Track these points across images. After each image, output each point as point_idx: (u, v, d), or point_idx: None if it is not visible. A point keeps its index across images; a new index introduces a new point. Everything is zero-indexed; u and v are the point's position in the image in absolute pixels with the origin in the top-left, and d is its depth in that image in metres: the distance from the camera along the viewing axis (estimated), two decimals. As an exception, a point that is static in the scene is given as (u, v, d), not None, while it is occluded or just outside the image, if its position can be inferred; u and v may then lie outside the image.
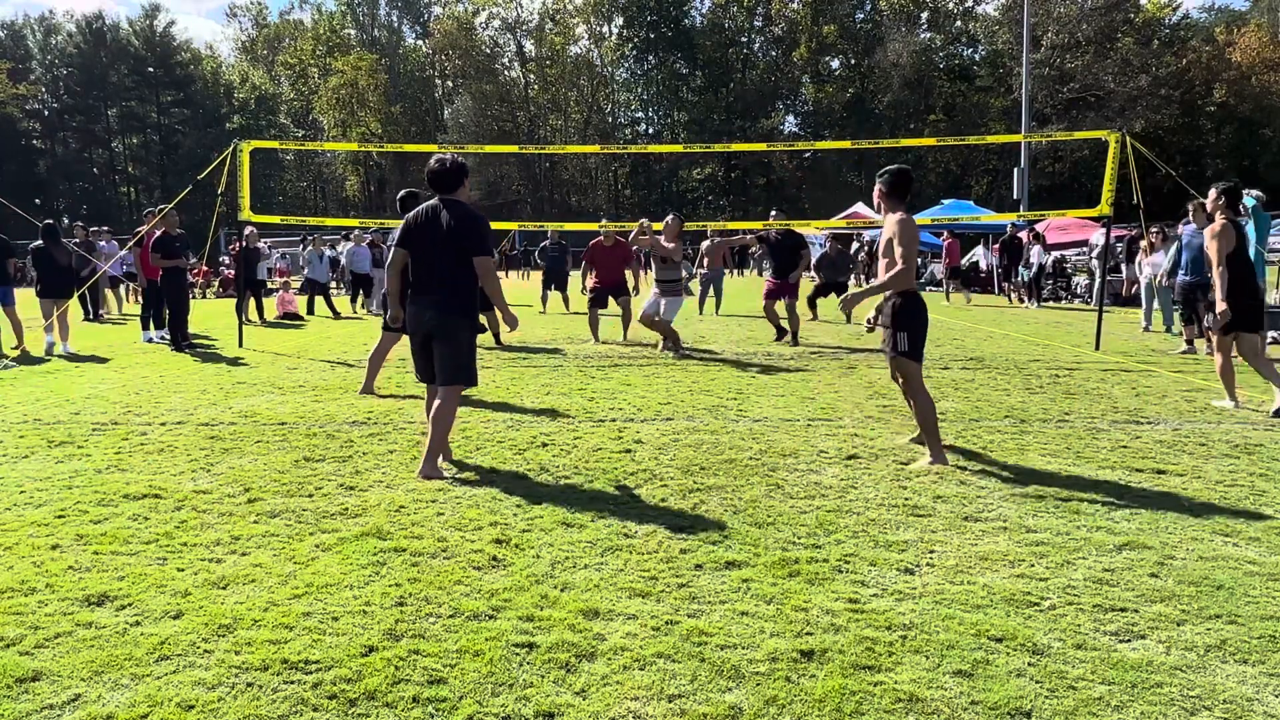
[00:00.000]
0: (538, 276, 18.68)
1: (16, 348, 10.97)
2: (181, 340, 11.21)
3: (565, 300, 16.91)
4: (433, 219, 4.90)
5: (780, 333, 11.43)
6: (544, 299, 16.75)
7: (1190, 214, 10.14)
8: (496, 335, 11.11)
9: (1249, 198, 9.39)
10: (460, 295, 4.92)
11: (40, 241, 11.61)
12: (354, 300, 18.48)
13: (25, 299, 11.69)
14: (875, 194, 5.32)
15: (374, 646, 2.83)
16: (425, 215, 4.95)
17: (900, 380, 5.43)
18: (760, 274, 40.90)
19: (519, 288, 24.33)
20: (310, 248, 18.21)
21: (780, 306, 11.46)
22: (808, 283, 15.06)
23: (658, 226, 10.68)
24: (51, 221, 12.20)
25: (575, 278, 15.62)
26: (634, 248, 11.79)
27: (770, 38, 67.60)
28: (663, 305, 10.28)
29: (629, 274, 12.06)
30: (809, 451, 5.40)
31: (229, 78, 73.31)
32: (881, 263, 5.23)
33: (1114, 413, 6.61)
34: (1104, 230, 12.20)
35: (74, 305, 12.44)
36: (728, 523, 4.04)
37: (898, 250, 5.05)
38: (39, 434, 6.03)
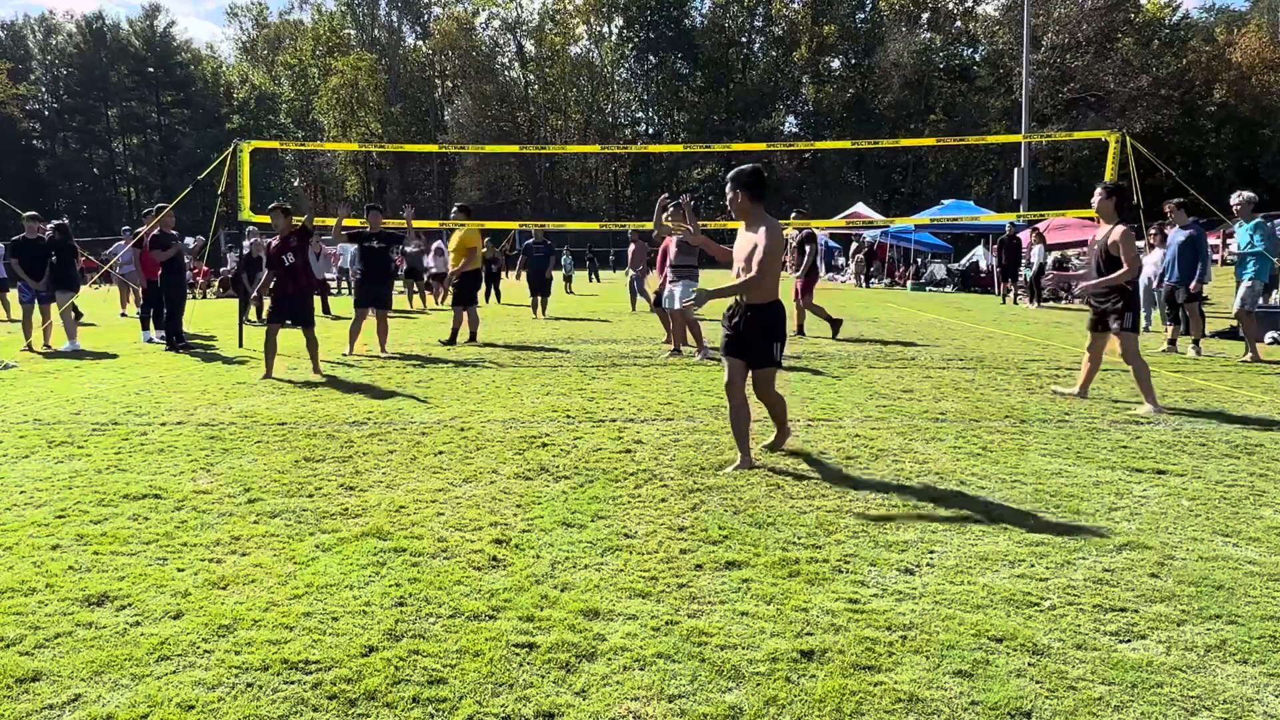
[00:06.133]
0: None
1: (27, 347, 11.03)
2: (177, 340, 11.20)
3: (543, 304, 16.38)
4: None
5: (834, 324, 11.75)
6: (535, 305, 16.43)
7: (1168, 214, 10.40)
8: (465, 333, 11.44)
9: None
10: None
11: (58, 238, 11.78)
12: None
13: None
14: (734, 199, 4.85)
15: (374, 646, 2.83)
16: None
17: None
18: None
19: (517, 287, 24.26)
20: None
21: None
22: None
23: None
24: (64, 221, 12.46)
25: (557, 281, 15.28)
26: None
27: (770, 38, 67.60)
28: (679, 290, 9.70)
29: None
30: (809, 451, 5.40)
31: (229, 78, 73.30)
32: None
33: (1114, 413, 6.61)
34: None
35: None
36: (728, 523, 4.04)
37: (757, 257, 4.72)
38: (39, 434, 6.03)
